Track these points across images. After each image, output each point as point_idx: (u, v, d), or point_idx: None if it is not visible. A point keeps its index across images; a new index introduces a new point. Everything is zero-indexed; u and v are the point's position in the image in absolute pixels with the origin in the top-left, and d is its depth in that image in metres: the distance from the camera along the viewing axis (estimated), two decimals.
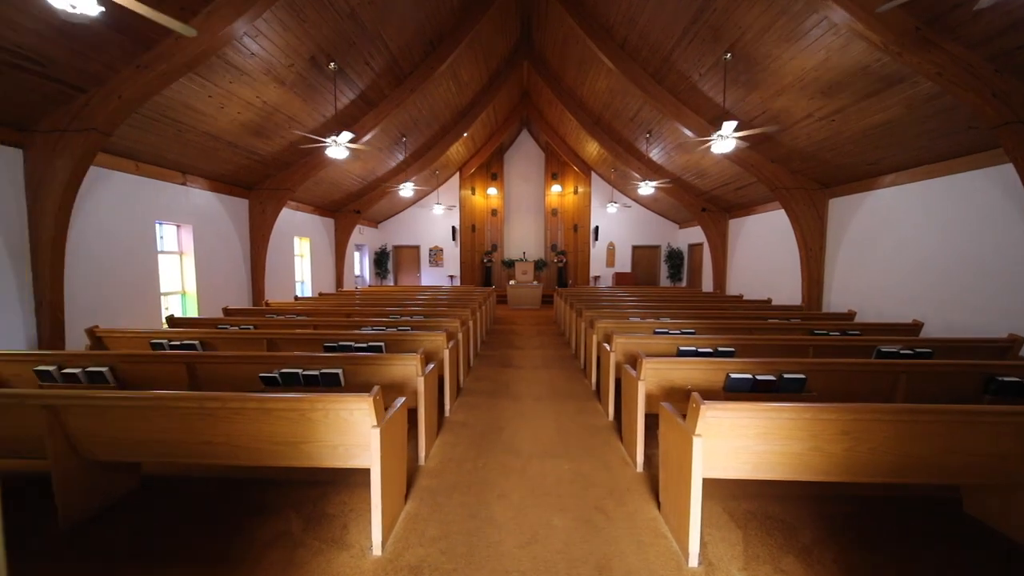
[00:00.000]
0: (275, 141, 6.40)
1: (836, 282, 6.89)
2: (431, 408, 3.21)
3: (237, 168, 6.67)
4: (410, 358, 2.97)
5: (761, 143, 6.43)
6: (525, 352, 6.60)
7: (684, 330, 4.57)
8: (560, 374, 5.39)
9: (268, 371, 3.06)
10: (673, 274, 13.02)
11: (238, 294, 7.25)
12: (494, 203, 15.28)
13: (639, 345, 3.79)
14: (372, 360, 3.03)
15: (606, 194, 13.39)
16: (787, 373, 2.89)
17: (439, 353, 3.89)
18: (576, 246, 14.81)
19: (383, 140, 8.37)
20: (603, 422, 3.80)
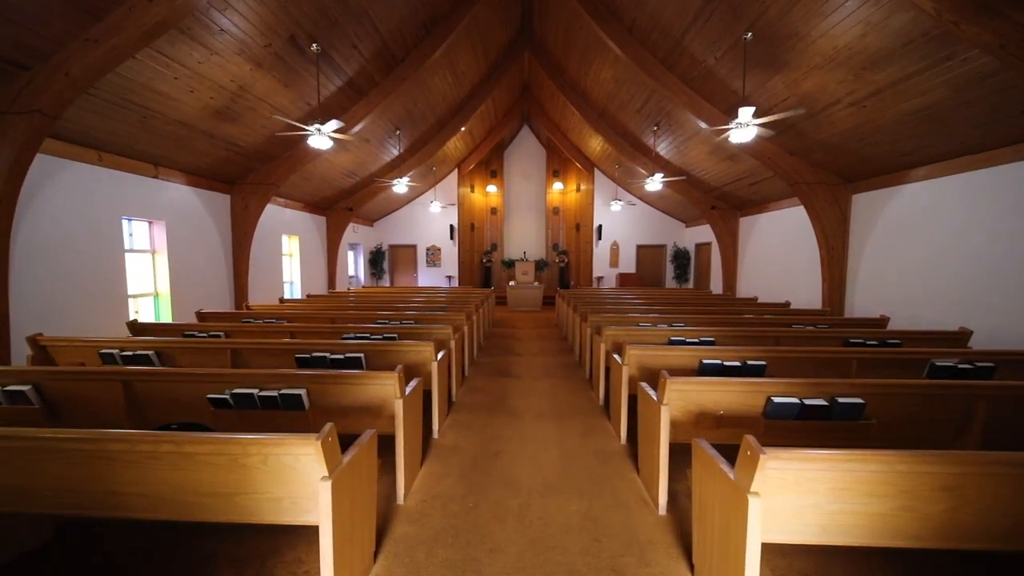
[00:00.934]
0: (255, 131, 5.90)
1: (860, 284, 6.38)
2: (413, 434, 2.71)
3: (215, 161, 6.18)
4: (387, 377, 2.47)
5: (781, 134, 5.93)
6: (525, 359, 6.10)
7: (703, 338, 4.07)
8: (563, 385, 4.89)
9: (220, 391, 2.56)
10: (679, 275, 12.51)
11: (219, 296, 6.76)
12: (494, 201, 14.79)
13: (655, 358, 3.28)
14: (343, 379, 2.54)
15: (610, 192, 12.89)
16: (841, 396, 2.38)
17: (426, 365, 3.40)
18: (578, 246, 14.31)
19: (375, 133, 7.87)
20: (614, 446, 3.30)
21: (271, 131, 6.01)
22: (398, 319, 5.10)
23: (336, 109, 6.44)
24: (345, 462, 1.71)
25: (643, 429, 2.74)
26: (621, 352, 3.46)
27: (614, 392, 3.61)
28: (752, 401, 2.42)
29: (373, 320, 5.17)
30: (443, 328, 4.35)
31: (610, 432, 3.55)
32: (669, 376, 2.37)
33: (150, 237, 5.77)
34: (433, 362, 3.40)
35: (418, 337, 4.19)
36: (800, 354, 3.30)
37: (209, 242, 6.56)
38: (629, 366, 3.29)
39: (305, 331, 4.43)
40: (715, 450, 1.84)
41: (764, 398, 2.40)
